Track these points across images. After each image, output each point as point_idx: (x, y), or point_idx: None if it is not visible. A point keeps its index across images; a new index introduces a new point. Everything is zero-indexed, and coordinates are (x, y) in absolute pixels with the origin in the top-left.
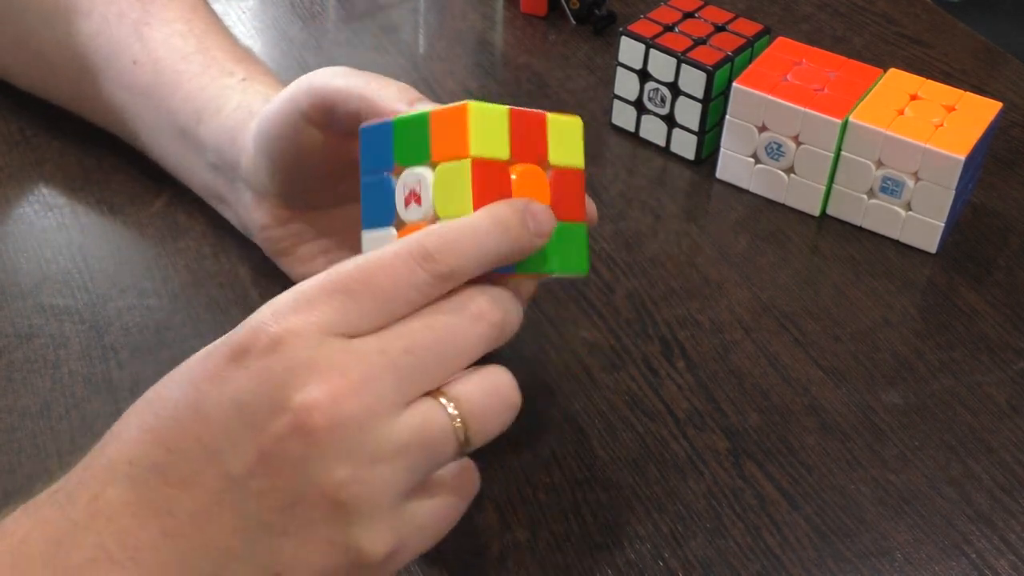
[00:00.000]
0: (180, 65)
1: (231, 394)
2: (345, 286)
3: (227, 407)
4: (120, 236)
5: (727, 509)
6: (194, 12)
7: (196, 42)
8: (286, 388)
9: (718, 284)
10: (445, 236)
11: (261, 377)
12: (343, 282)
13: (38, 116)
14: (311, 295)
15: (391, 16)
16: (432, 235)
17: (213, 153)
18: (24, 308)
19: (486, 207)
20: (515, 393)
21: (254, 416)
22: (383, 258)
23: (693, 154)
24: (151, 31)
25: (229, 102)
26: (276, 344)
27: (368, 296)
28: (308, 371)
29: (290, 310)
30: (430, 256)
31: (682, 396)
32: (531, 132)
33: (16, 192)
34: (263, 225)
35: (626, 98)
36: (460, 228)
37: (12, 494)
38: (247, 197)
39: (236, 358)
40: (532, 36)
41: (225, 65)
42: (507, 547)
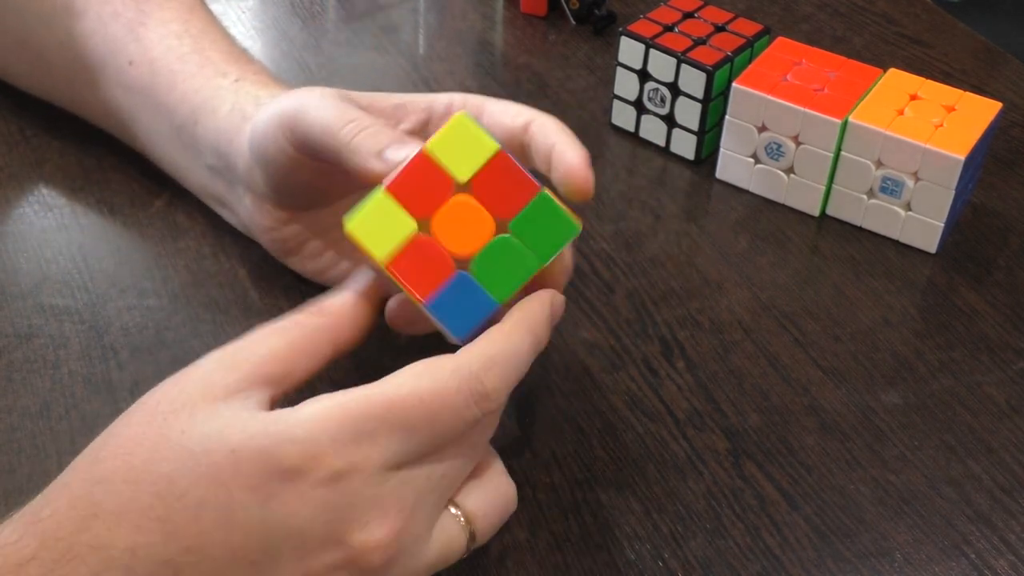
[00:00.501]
0: (176, 65)
1: (279, 514)
2: (409, 424)
3: (273, 526)
4: (120, 236)
5: (727, 509)
6: (191, 12)
7: (192, 42)
8: (346, 523)
9: (718, 284)
10: (501, 373)
11: (320, 508)
12: (407, 419)
13: (38, 116)
14: (372, 427)
15: (391, 16)
16: (490, 374)
17: (211, 155)
18: (24, 308)
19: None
20: (514, 499)
21: (305, 543)
22: (446, 397)
23: (693, 154)
24: (147, 31)
25: (223, 104)
26: (338, 477)
27: (427, 433)
28: (371, 509)
29: (351, 440)
30: (487, 396)
31: (682, 396)
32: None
33: (16, 192)
34: (266, 227)
35: (626, 98)
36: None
37: (12, 494)
38: (247, 200)
39: (286, 477)
40: (532, 36)
41: (220, 66)
42: (506, 547)
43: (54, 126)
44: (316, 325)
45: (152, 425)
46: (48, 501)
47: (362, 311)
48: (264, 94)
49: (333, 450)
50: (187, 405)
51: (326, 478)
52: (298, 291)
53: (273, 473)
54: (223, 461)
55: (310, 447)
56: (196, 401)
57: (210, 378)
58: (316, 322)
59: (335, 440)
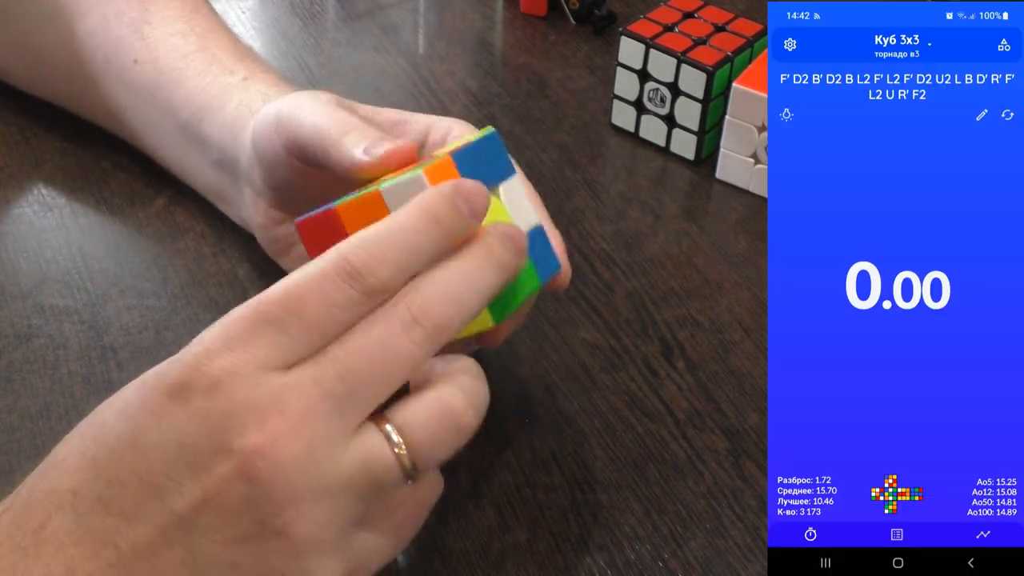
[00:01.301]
0: (181, 63)
1: (171, 432)
2: (274, 317)
3: (167, 445)
4: (120, 236)
5: (727, 509)
6: (196, 12)
7: (197, 40)
8: (227, 431)
9: (718, 284)
10: (370, 247)
11: (201, 419)
12: (272, 313)
13: (38, 116)
14: (242, 330)
15: (391, 16)
16: (357, 247)
17: (217, 150)
18: (23, 308)
19: (413, 202)
20: (468, 416)
21: (196, 457)
22: (309, 281)
23: (693, 154)
24: (152, 30)
25: (231, 100)
26: (215, 385)
27: (298, 324)
28: (247, 413)
29: (224, 347)
30: (357, 272)
31: (682, 396)
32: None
33: (16, 192)
34: (261, 224)
35: (626, 98)
36: (386, 234)
37: None
38: (247, 194)
39: (175, 395)
40: (532, 36)
41: (226, 64)
42: (506, 547)
43: (54, 126)
44: None
45: None
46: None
47: None
48: (273, 92)
49: (208, 359)
50: None
51: (207, 388)
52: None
53: (164, 393)
54: (134, 394)
55: (190, 360)
56: None
57: None
58: None
59: (209, 350)
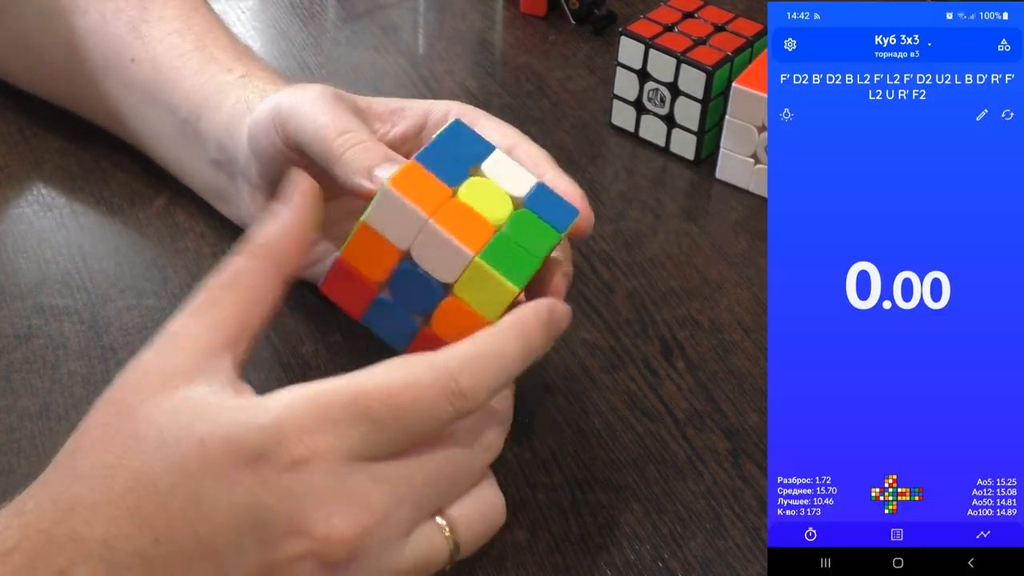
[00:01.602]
0: (178, 62)
1: (243, 501)
2: (375, 414)
3: (237, 513)
4: (120, 236)
5: (727, 509)
6: (194, 10)
7: (195, 39)
8: (308, 513)
9: (718, 284)
10: (479, 372)
11: (282, 496)
12: (373, 409)
13: (38, 116)
14: (337, 416)
15: (391, 16)
16: (466, 372)
17: (215, 148)
18: (23, 308)
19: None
20: (502, 513)
21: (268, 531)
22: (417, 391)
23: (693, 154)
24: (149, 28)
25: (228, 98)
26: (300, 465)
27: (396, 427)
28: (335, 501)
29: (314, 428)
30: (462, 394)
31: (682, 396)
32: None
33: (16, 192)
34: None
35: (626, 98)
36: (493, 361)
37: (11, 494)
38: (246, 191)
39: (250, 464)
40: (532, 36)
41: (224, 62)
42: (506, 547)
43: (54, 126)
44: (258, 269)
45: (121, 418)
46: (31, 496)
47: (297, 229)
48: (271, 89)
49: (296, 436)
50: (152, 394)
51: (288, 464)
52: (297, 291)
53: (238, 459)
54: (191, 451)
55: (273, 433)
56: (158, 390)
57: (170, 362)
58: (257, 265)
59: (299, 426)
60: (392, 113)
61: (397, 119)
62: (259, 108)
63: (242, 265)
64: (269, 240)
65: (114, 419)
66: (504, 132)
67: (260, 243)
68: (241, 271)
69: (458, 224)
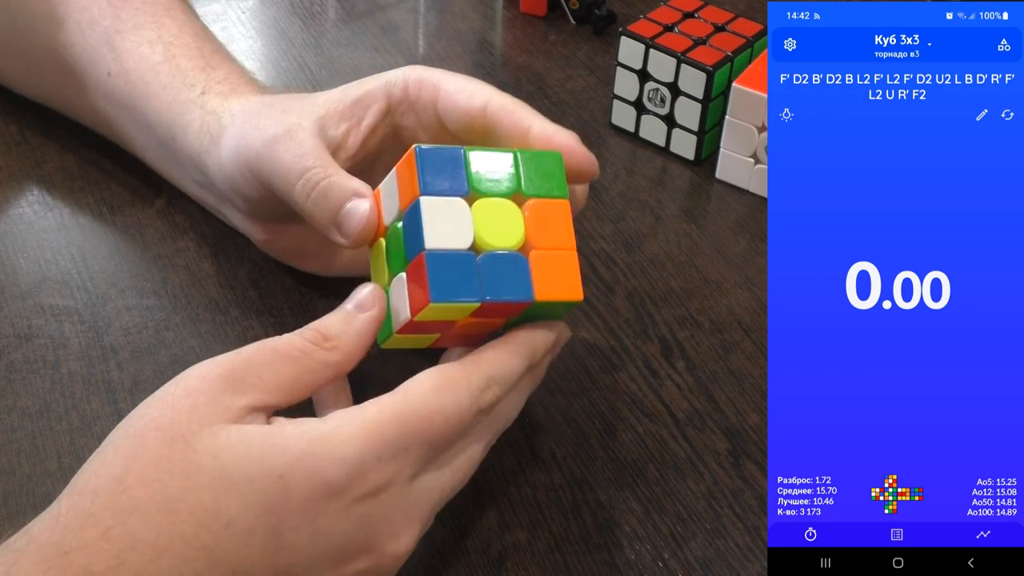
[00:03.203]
0: (148, 76)
1: (325, 531)
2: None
3: (319, 542)
4: (120, 236)
5: (727, 509)
6: (167, 13)
7: (163, 49)
8: (381, 534)
9: (718, 284)
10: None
11: (361, 521)
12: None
13: (38, 116)
14: (407, 444)
15: (391, 16)
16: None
17: (194, 171)
18: (24, 308)
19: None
20: None
21: (343, 553)
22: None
23: (693, 154)
24: (122, 40)
25: (192, 122)
26: (377, 492)
27: (445, 441)
28: (401, 519)
29: (391, 457)
30: (487, 409)
31: (682, 396)
32: None
33: (16, 192)
34: (261, 240)
35: (626, 98)
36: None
37: (11, 494)
38: (237, 217)
39: (332, 496)
40: (532, 36)
41: (188, 75)
42: (506, 547)
43: (53, 126)
44: (325, 361)
45: (175, 448)
46: (72, 532)
47: (366, 343)
48: (224, 110)
49: (375, 467)
50: (205, 426)
51: (367, 493)
52: (298, 292)
53: (322, 493)
54: (272, 487)
55: (357, 465)
56: (213, 422)
57: (221, 399)
58: (325, 357)
59: (377, 457)
60: (353, 106)
61: (361, 111)
62: (224, 148)
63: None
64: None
65: (165, 448)
66: (470, 91)
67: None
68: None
69: None
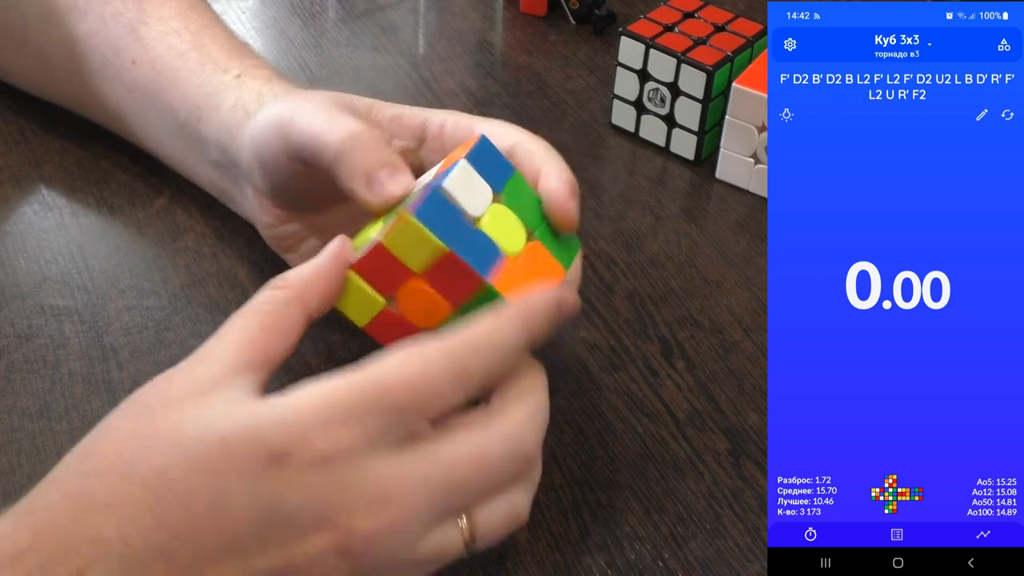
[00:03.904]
0: (177, 62)
1: (268, 498)
2: (396, 404)
3: (262, 511)
4: (120, 236)
5: (727, 509)
6: (191, 9)
7: (192, 38)
8: (332, 508)
9: (718, 284)
10: (487, 360)
11: (307, 492)
12: (395, 400)
13: (38, 116)
14: (362, 409)
15: (391, 16)
16: (475, 359)
17: (216, 150)
18: (24, 308)
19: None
20: (526, 516)
21: (292, 527)
22: (433, 378)
23: (693, 154)
24: (147, 30)
25: (226, 100)
26: (324, 460)
27: (415, 416)
28: (358, 496)
29: (340, 423)
30: (471, 379)
31: (682, 396)
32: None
33: (16, 192)
34: (266, 223)
35: (626, 98)
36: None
37: (12, 494)
38: (251, 194)
39: (274, 461)
40: (532, 36)
41: (221, 61)
42: (506, 547)
43: (54, 126)
44: (284, 299)
45: (142, 419)
46: (41, 495)
47: (326, 274)
48: (267, 90)
49: (322, 432)
50: (176, 400)
51: (314, 461)
52: None
53: (261, 457)
54: (214, 450)
55: (297, 429)
56: (185, 396)
57: (195, 373)
58: (282, 296)
59: (323, 422)
60: (391, 121)
61: (396, 128)
62: (260, 117)
63: (271, 295)
64: (300, 278)
65: (133, 420)
66: (501, 133)
67: (290, 279)
68: (269, 300)
69: None
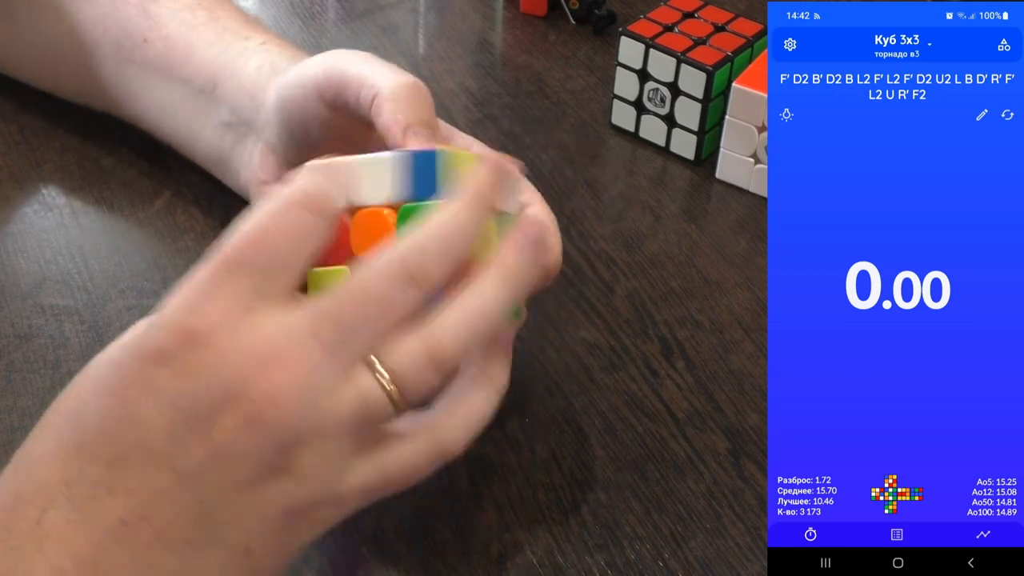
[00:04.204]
0: (191, 35)
1: (168, 397)
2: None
3: (167, 410)
4: (120, 236)
5: (727, 509)
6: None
7: (206, 13)
8: (227, 381)
9: (718, 284)
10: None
11: (197, 376)
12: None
13: (38, 116)
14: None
15: (391, 16)
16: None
17: (228, 112)
18: (24, 308)
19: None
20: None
21: (199, 415)
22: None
23: (693, 154)
24: (158, 8)
25: (249, 63)
26: (203, 341)
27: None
28: (247, 363)
29: (205, 299)
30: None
31: (682, 396)
32: None
33: (16, 192)
34: (262, 180)
35: (626, 98)
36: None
37: None
38: (256, 152)
39: (161, 361)
40: (532, 36)
41: (239, 31)
42: (506, 547)
43: (54, 126)
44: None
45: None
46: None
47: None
48: (299, 54)
49: (191, 315)
50: None
51: (195, 343)
52: None
53: (147, 361)
54: (109, 373)
55: (167, 323)
56: None
57: None
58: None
59: (187, 308)
60: None
61: None
62: (297, 69)
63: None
64: None
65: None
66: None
67: None
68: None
69: None
